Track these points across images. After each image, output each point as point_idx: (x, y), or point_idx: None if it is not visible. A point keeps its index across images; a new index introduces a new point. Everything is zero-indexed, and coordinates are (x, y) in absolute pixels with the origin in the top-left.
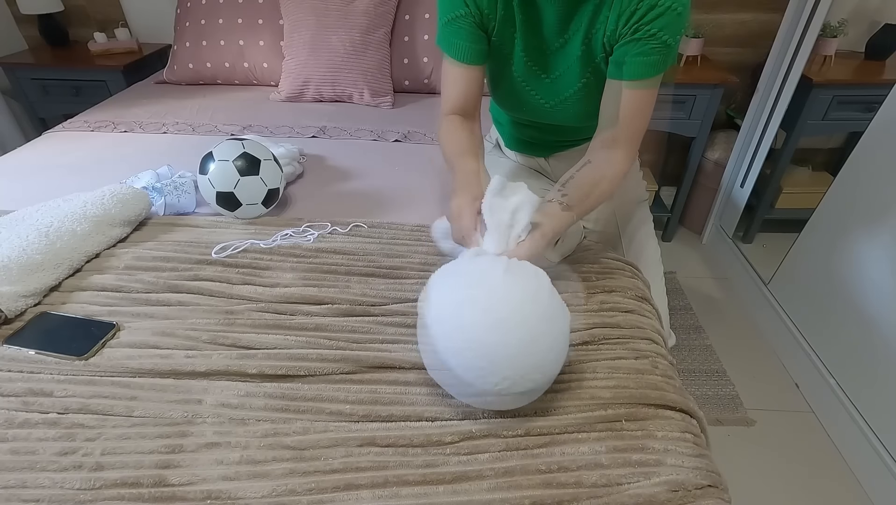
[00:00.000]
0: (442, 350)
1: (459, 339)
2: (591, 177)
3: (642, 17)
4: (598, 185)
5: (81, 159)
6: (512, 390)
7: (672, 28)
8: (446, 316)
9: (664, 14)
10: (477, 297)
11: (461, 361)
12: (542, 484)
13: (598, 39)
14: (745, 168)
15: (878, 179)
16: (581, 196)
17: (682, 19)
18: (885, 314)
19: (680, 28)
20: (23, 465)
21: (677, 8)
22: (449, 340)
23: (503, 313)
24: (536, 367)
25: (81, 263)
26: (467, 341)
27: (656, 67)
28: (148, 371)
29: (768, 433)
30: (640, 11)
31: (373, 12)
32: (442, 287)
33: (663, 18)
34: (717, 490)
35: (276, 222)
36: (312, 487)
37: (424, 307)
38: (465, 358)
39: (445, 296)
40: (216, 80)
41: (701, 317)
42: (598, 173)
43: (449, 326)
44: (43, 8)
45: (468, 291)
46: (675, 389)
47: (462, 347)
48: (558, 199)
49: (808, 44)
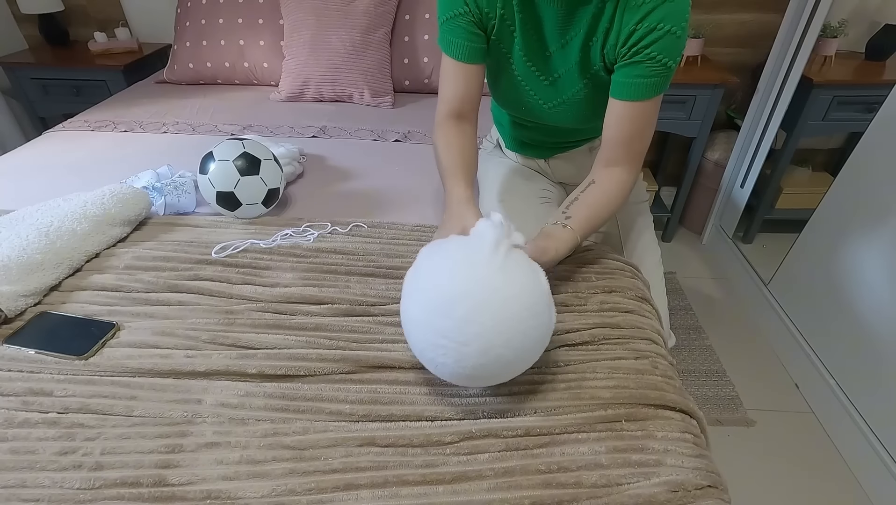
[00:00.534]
0: (411, 305)
1: (424, 287)
2: (596, 197)
3: (640, 39)
4: (602, 205)
5: (81, 159)
6: (474, 357)
7: (671, 51)
8: (418, 271)
9: (663, 38)
10: (453, 254)
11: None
12: (541, 484)
13: (596, 50)
14: (746, 168)
15: (879, 180)
16: (585, 217)
17: (680, 42)
18: (885, 315)
19: (679, 50)
20: (22, 464)
21: (676, 31)
22: (416, 292)
23: (477, 271)
24: (502, 333)
25: (81, 262)
26: (432, 289)
27: (656, 89)
28: (148, 371)
29: (768, 434)
30: (638, 33)
31: (373, 12)
32: (423, 254)
33: (662, 42)
34: (716, 490)
35: (276, 222)
36: (312, 486)
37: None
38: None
39: (422, 259)
40: (216, 79)
41: (701, 317)
42: (602, 194)
43: (421, 281)
44: (43, 7)
45: (444, 252)
46: (675, 389)
47: (428, 298)
48: (562, 221)
49: (809, 44)
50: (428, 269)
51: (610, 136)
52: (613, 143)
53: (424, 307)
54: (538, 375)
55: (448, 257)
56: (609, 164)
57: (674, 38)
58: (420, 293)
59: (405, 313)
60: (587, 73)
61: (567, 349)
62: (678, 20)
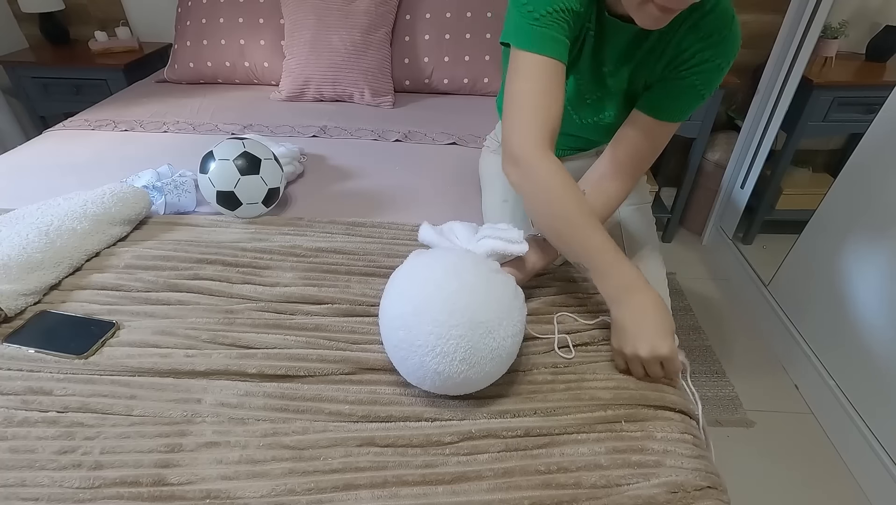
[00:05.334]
0: (382, 309)
1: (392, 290)
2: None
3: (687, 60)
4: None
5: (82, 158)
6: (435, 350)
7: (711, 83)
8: (390, 279)
9: (708, 67)
10: (428, 263)
11: (393, 308)
12: (541, 485)
13: (640, 78)
14: (746, 169)
15: (879, 181)
16: None
17: (721, 74)
18: (884, 316)
19: (717, 83)
20: (22, 463)
21: (723, 65)
22: (386, 296)
23: (442, 270)
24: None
25: (81, 261)
26: (398, 292)
27: (683, 113)
28: (147, 370)
29: (768, 434)
30: (692, 59)
31: (374, 12)
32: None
33: (709, 73)
34: (716, 491)
35: (277, 222)
36: (311, 486)
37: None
38: (395, 304)
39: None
40: (217, 79)
41: (701, 318)
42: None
43: (390, 285)
44: (44, 6)
45: (419, 260)
46: (675, 390)
47: (394, 297)
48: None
49: (809, 45)
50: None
51: (621, 149)
52: (621, 157)
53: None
54: (538, 376)
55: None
56: (604, 177)
57: (718, 70)
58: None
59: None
60: (629, 102)
61: (567, 350)
62: (729, 56)
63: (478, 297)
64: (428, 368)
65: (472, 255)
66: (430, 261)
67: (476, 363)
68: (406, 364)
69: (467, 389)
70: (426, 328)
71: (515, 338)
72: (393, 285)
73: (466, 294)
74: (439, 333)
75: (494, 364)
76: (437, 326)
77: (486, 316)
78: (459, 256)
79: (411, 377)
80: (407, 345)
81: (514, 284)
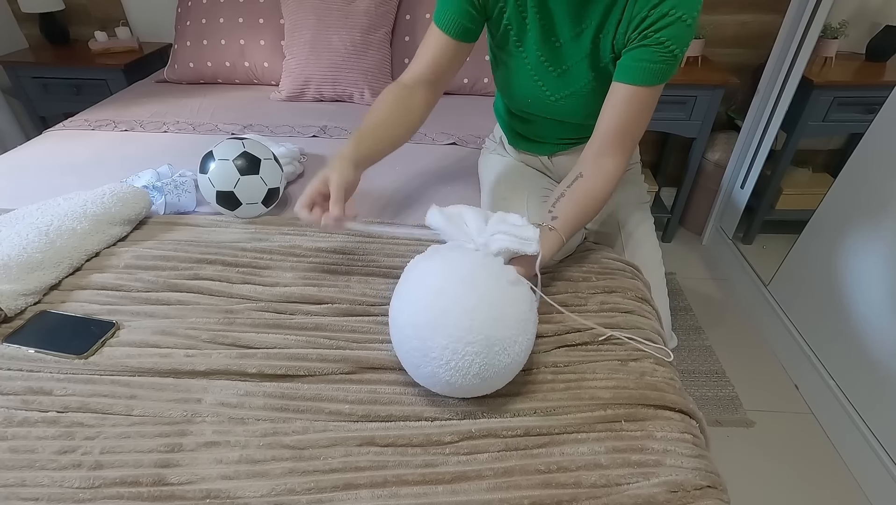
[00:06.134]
0: (395, 312)
1: (406, 294)
2: (584, 193)
3: (652, 23)
4: (589, 201)
5: (82, 158)
6: (450, 365)
7: (680, 39)
8: (403, 279)
9: (674, 24)
10: (444, 271)
11: (407, 315)
12: (541, 484)
13: (606, 42)
14: (746, 169)
15: (879, 181)
16: (572, 215)
17: (690, 31)
18: (884, 316)
19: (687, 39)
20: (22, 463)
21: (686, 20)
22: (399, 298)
23: (459, 282)
24: (472, 330)
25: (81, 261)
26: (412, 298)
27: (659, 76)
28: (147, 370)
29: (768, 434)
30: (650, 18)
31: (374, 12)
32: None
33: (673, 28)
34: (716, 491)
35: (277, 222)
36: (311, 486)
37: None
38: (408, 311)
39: (410, 269)
40: (217, 79)
41: (701, 318)
42: (590, 189)
43: (403, 287)
44: (44, 6)
45: (434, 264)
46: (675, 389)
47: (407, 303)
48: (548, 222)
49: (809, 45)
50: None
51: (605, 122)
52: (608, 130)
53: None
54: (538, 375)
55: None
56: (599, 154)
57: (684, 25)
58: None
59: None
60: (597, 65)
61: (567, 349)
62: (690, 9)
63: (495, 312)
64: (440, 378)
65: (489, 263)
66: (446, 269)
67: (489, 377)
68: (418, 371)
69: (475, 395)
70: (441, 342)
71: (529, 350)
72: (406, 288)
73: (485, 310)
74: (455, 349)
75: (508, 377)
76: (452, 340)
77: (503, 333)
78: (475, 265)
79: (421, 381)
80: (420, 354)
81: (531, 294)
